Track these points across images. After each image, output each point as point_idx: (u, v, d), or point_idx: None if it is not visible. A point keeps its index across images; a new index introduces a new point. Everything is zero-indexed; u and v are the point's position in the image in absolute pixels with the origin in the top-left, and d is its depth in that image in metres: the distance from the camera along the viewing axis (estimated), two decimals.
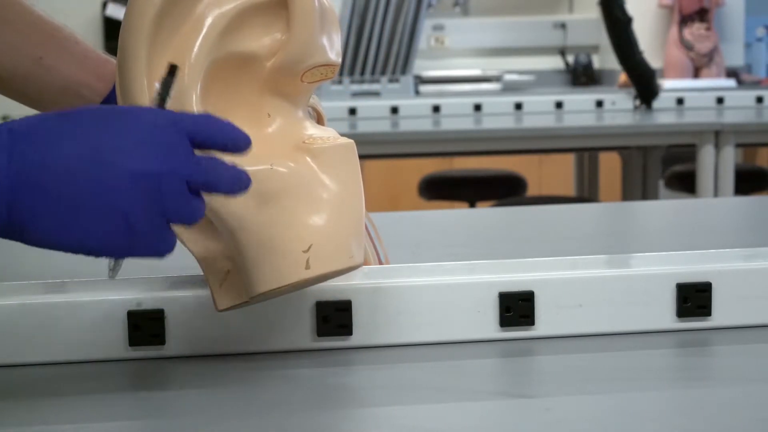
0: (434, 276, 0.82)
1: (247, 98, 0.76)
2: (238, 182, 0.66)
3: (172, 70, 0.71)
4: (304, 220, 0.74)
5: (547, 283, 0.82)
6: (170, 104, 0.72)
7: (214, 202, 0.72)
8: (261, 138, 0.76)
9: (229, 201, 0.72)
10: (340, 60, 0.79)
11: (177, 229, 0.76)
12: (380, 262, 0.92)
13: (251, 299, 0.75)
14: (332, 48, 0.78)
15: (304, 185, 0.74)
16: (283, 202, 0.73)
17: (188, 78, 0.73)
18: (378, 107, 3.29)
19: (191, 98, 0.72)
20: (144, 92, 0.72)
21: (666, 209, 1.78)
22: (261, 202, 0.73)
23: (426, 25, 4.71)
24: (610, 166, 4.14)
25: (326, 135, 0.78)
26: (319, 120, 0.86)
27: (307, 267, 0.73)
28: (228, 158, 0.67)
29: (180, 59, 0.73)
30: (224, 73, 0.75)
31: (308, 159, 0.75)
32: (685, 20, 5.05)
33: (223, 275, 0.76)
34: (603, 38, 4.38)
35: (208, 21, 0.74)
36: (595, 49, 5.36)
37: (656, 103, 3.28)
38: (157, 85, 0.72)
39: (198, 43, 0.73)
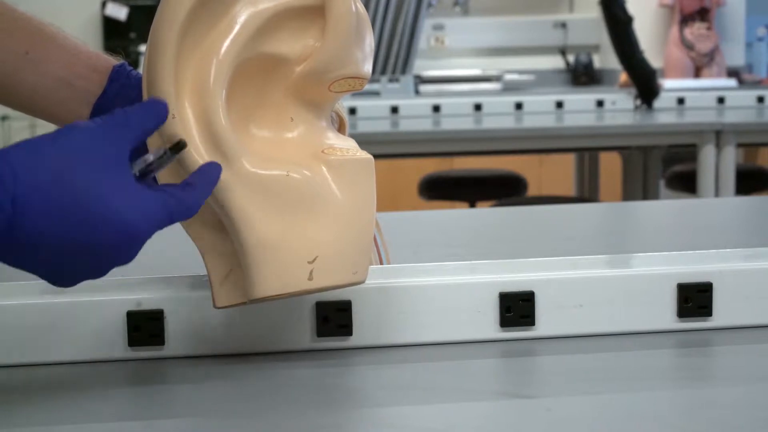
0: (435, 276, 0.82)
1: (272, 100, 0.76)
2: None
3: (178, 146, 0.70)
4: (313, 231, 0.73)
5: (547, 283, 0.82)
6: (190, 103, 0.71)
7: (227, 200, 0.72)
8: (281, 142, 0.76)
9: (240, 201, 0.72)
10: (370, 73, 0.78)
11: (184, 224, 0.76)
12: (381, 263, 0.92)
13: (250, 301, 0.75)
14: (364, 61, 0.77)
15: (317, 196, 0.74)
16: (294, 211, 0.73)
17: (215, 74, 0.72)
18: (378, 107, 3.29)
19: (217, 95, 0.72)
20: (170, 86, 0.72)
21: (666, 209, 1.78)
22: (272, 206, 0.73)
23: (426, 25, 4.72)
24: (610, 166, 4.14)
25: (346, 146, 0.77)
26: (341, 125, 0.85)
27: (310, 278, 0.73)
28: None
29: (210, 55, 0.72)
30: (253, 72, 0.74)
31: (324, 169, 0.75)
32: (685, 20, 5.05)
33: (225, 273, 0.76)
34: (603, 38, 4.38)
35: (243, 19, 0.73)
36: (596, 48, 5.36)
37: (657, 103, 3.28)
38: (155, 153, 0.69)
39: (229, 40, 0.73)
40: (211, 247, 0.76)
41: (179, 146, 0.70)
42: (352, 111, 3.21)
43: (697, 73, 4.98)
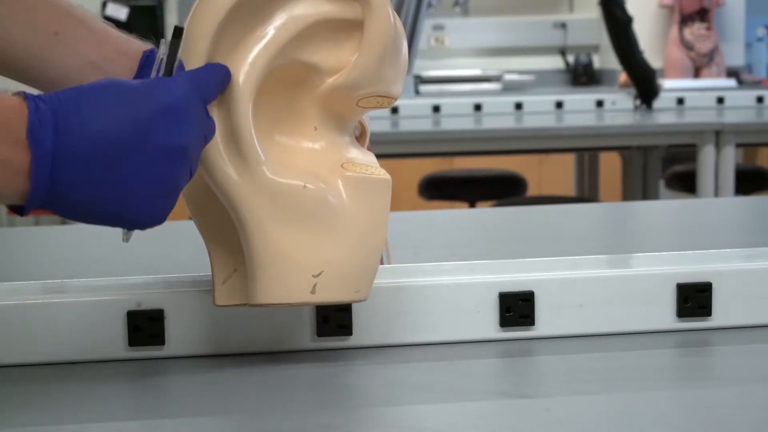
0: (434, 276, 0.82)
1: (298, 106, 0.76)
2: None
3: (178, 32, 0.70)
4: (322, 246, 0.73)
5: (547, 283, 0.82)
6: (214, 107, 0.71)
7: (241, 203, 0.72)
8: (302, 151, 0.75)
9: (254, 207, 0.72)
10: (400, 94, 0.78)
11: (195, 219, 0.76)
12: (382, 263, 0.92)
13: (250, 305, 0.75)
14: (396, 81, 0.77)
15: (330, 211, 0.74)
16: (305, 223, 0.73)
17: (245, 77, 0.72)
18: None
19: (245, 99, 0.72)
20: None
21: (666, 209, 1.78)
22: (285, 216, 0.73)
23: (426, 25, 4.72)
24: (610, 166, 4.14)
25: (366, 162, 0.77)
26: (363, 134, 0.85)
27: (313, 292, 0.73)
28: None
29: (244, 58, 0.72)
30: (284, 78, 0.74)
31: (341, 185, 0.75)
32: (685, 20, 5.05)
33: (228, 272, 0.76)
34: (603, 38, 4.38)
35: (280, 24, 0.73)
36: (595, 48, 5.37)
37: (656, 103, 3.28)
38: (162, 49, 0.70)
39: (263, 44, 0.72)
40: (219, 245, 0.76)
41: (178, 31, 0.70)
42: None
43: (697, 73, 4.98)
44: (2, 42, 0.77)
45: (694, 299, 0.83)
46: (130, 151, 0.64)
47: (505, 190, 3.82)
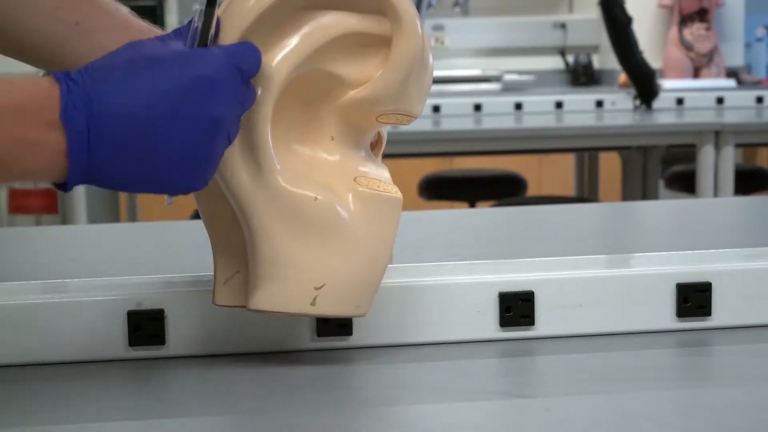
0: (434, 276, 0.82)
1: (317, 114, 0.76)
2: None
3: (212, 1, 0.70)
4: (326, 259, 0.73)
5: (547, 283, 0.82)
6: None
7: (251, 209, 0.72)
8: (317, 162, 0.75)
9: (264, 213, 0.72)
10: (421, 113, 0.78)
11: (204, 217, 0.76)
12: None
13: (248, 309, 0.75)
14: (418, 100, 0.77)
15: (339, 225, 0.74)
16: (313, 234, 0.73)
17: (265, 84, 0.71)
18: None
19: (264, 106, 0.72)
20: None
21: (666, 209, 1.78)
22: (293, 225, 0.73)
23: (426, 25, 4.71)
24: (610, 166, 4.15)
25: (379, 177, 0.77)
26: (378, 142, 0.85)
27: (313, 304, 0.73)
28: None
29: (267, 65, 0.72)
30: (306, 87, 0.74)
31: (351, 199, 0.75)
32: (684, 20, 5.05)
33: (231, 273, 0.76)
34: (603, 38, 4.38)
35: (306, 33, 0.73)
36: (595, 49, 5.37)
37: (656, 103, 3.28)
38: (198, 18, 0.70)
39: (287, 52, 0.72)
40: (224, 245, 0.77)
41: (213, 1, 0.70)
42: None
43: (696, 73, 4.99)
44: (24, 30, 0.77)
45: (693, 299, 0.83)
46: (162, 122, 0.65)
47: (505, 190, 3.82)
